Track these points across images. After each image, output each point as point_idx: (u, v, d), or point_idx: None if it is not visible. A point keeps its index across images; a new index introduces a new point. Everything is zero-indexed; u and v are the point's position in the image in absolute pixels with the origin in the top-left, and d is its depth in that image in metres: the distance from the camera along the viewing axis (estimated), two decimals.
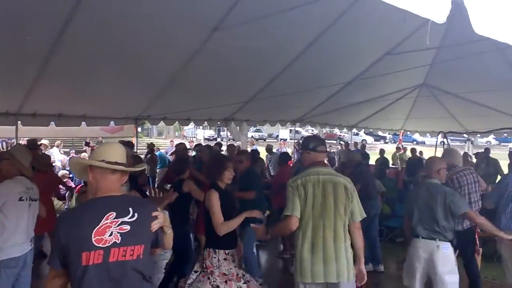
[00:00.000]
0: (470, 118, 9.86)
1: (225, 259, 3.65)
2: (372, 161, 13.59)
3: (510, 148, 16.75)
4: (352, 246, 3.27)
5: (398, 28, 5.55)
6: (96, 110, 7.08)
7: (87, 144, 20.23)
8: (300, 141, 19.80)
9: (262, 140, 37.60)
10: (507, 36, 1.43)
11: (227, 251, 3.69)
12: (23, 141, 9.16)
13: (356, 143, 16.33)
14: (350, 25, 5.30)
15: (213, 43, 5.07)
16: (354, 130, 14.38)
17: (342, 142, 18.77)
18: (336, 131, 14.81)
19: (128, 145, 7.14)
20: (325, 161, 3.62)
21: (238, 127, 14.67)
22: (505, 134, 11.92)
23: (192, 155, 9.02)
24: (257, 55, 5.79)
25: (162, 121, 8.82)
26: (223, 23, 4.68)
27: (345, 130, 14.06)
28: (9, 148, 11.22)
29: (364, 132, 25.33)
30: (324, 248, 3.15)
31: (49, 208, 5.25)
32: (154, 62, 5.45)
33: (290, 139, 19.99)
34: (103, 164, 2.15)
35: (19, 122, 6.52)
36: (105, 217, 2.05)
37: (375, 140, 38.06)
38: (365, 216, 3.36)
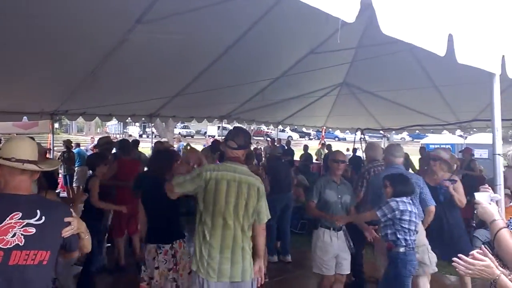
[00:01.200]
0: (385, 116, 10.51)
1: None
2: (296, 157, 14.06)
3: (421, 144, 18.11)
4: (255, 245, 3.32)
5: (321, 28, 5.73)
6: (6, 104, 6.53)
7: None
8: None
9: (190, 137, 37.12)
10: (412, 37, 1.53)
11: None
12: None
13: (279, 139, 16.71)
14: (276, 22, 5.37)
15: (136, 36, 4.87)
16: (280, 127, 14.69)
17: (268, 139, 19.17)
18: (263, 127, 15.03)
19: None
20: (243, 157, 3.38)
21: (164, 123, 14.36)
22: (417, 131, 12.87)
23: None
24: (183, 50, 5.67)
25: (81, 117, 8.38)
26: (147, 15, 4.51)
27: (271, 127, 14.31)
28: None
29: (289, 129, 25.94)
30: (233, 248, 3.15)
31: None
32: (71, 53, 5.12)
33: (218, 136, 19.95)
34: (11, 163, 1.99)
35: None
36: (10, 216, 1.90)
37: (300, 137, 39.08)
38: (270, 217, 3.40)
